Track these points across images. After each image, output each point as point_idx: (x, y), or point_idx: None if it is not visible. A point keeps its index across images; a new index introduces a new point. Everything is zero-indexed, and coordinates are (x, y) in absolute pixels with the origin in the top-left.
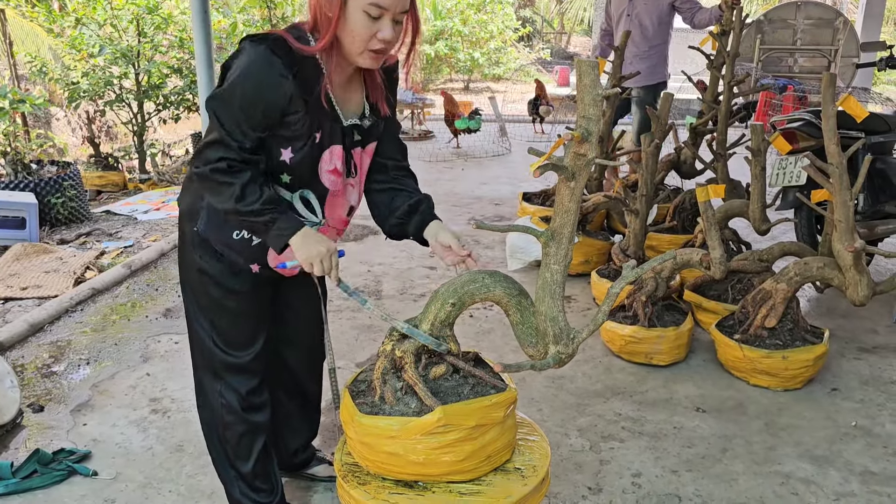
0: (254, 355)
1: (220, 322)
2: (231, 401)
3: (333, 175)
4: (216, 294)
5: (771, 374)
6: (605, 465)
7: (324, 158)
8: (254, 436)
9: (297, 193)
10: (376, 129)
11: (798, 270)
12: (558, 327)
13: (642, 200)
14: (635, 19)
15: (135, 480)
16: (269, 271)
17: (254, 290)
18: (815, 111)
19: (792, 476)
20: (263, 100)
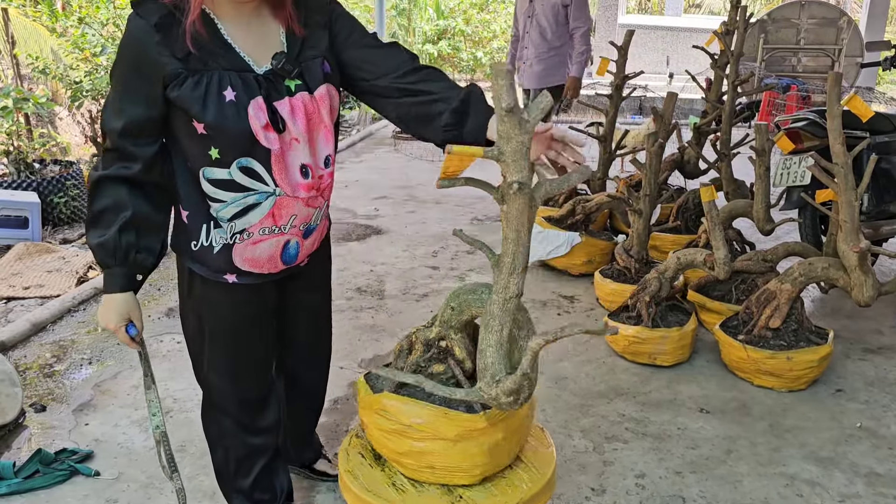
0: (254, 383)
1: (213, 352)
2: (233, 430)
3: (268, 131)
4: (205, 322)
5: (775, 375)
6: (609, 466)
7: (251, 116)
8: (256, 458)
9: (233, 166)
10: (317, 69)
11: (802, 271)
12: (483, 362)
13: (646, 200)
14: (535, 20)
15: (137, 480)
16: (251, 277)
17: (240, 305)
18: (820, 111)
19: (797, 478)
20: (138, 75)
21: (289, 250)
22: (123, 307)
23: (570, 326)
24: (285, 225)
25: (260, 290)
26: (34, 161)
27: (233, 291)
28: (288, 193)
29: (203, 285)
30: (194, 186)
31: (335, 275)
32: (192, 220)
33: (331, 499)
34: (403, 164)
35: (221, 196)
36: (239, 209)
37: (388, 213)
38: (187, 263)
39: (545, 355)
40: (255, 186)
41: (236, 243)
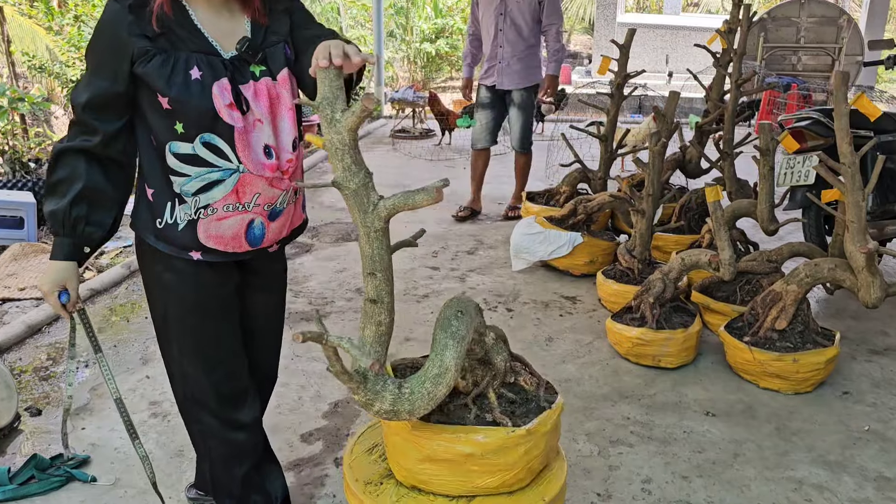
0: (228, 371)
1: (182, 338)
2: (213, 425)
3: (233, 110)
4: (171, 305)
5: (781, 378)
6: (615, 470)
7: (215, 95)
8: (242, 457)
9: (196, 140)
10: (280, 54)
11: (809, 272)
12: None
13: (648, 200)
14: (509, 18)
15: (134, 486)
16: (216, 255)
17: (205, 287)
18: (824, 110)
19: (805, 482)
20: (110, 52)
21: (253, 230)
22: (60, 274)
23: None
24: (249, 203)
25: (224, 271)
26: (30, 160)
27: (198, 271)
28: (252, 171)
29: (168, 266)
30: (161, 164)
31: (335, 275)
32: (157, 198)
33: None
34: (402, 163)
35: (186, 170)
36: (202, 184)
37: None
38: (152, 242)
39: (548, 357)
40: (218, 163)
41: (201, 219)
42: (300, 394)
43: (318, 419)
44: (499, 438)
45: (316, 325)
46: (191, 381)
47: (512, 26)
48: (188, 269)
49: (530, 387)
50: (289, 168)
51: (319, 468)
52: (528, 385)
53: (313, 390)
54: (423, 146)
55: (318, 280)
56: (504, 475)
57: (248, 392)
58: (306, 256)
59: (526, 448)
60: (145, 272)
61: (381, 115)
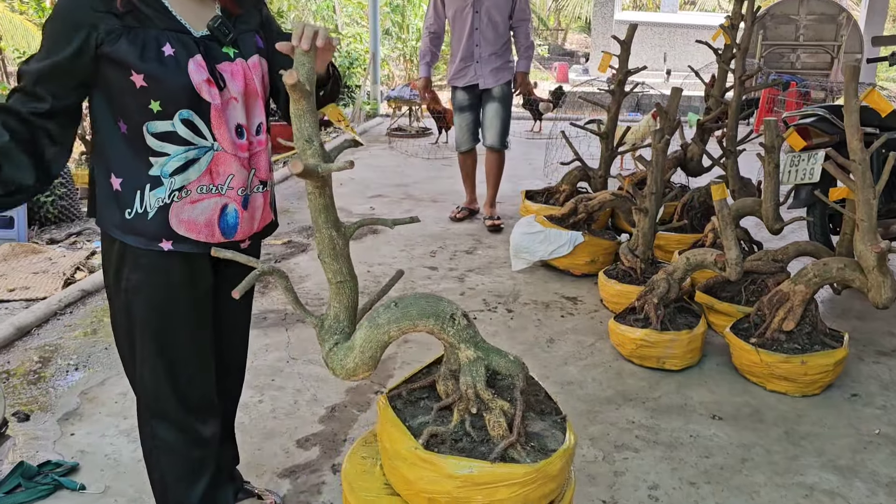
0: (194, 381)
1: (146, 344)
2: (172, 440)
3: (210, 87)
4: (136, 307)
5: (789, 380)
6: (620, 476)
7: (191, 70)
8: (199, 474)
9: (175, 117)
10: (250, 40)
11: (817, 271)
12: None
13: (651, 198)
14: (484, 15)
15: (125, 495)
16: (188, 244)
17: (175, 286)
18: (829, 106)
19: (816, 488)
20: (74, 26)
21: (227, 217)
22: None
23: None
24: (223, 185)
25: (197, 269)
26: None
27: (169, 267)
28: (226, 149)
29: (134, 262)
30: (132, 152)
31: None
32: (125, 187)
33: None
34: (399, 163)
35: (167, 149)
36: (180, 164)
37: (384, 212)
38: (117, 236)
39: (549, 359)
40: (194, 140)
41: (174, 202)
42: (296, 398)
43: (315, 424)
44: (406, 448)
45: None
46: (150, 390)
47: (489, 23)
48: (159, 264)
49: (493, 431)
50: (254, 150)
51: (316, 475)
52: (491, 427)
53: (309, 394)
54: (419, 144)
55: (314, 281)
56: (406, 489)
57: (214, 404)
58: (302, 256)
59: (424, 473)
60: (109, 273)
61: (378, 113)
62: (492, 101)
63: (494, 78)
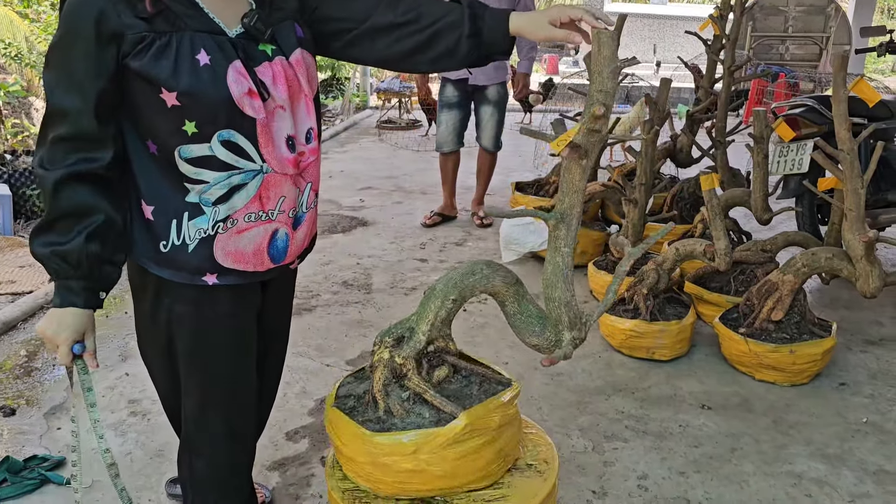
0: (241, 413)
1: (193, 378)
2: (210, 472)
3: (252, 98)
4: (180, 340)
5: (777, 369)
6: (609, 466)
7: (231, 81)
8: (231, 500)
9: (214, 139)
10: (289, 32)
11: (806, 261)
12: (573, 312)
13: (641, 189)
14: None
15: (111, 490)
16: (235, 276)
17: (223, 318)
18: (818, 97)
19: (804, 476)
20: (97, 41)
21: (276, 243)
22: (80, 322)
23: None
24: (273, 210)
25: (244, 295)
26: (6, 152)
27: (213, 298)
28: (276, 170)
29: (175, 297)
30: (163, 174)
31: (321, 268)
32: (159, 216)
33: None
34: (389, 155)
35: (204, 176)
36: (224, 191)
37: (373, 204)
38: (154, 271)
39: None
40: (239, 164)
41: (219, 234)
42: (285, 390)
43: (304, 416)
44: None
45: None
46: (194, 422)
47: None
48: (203, 298)
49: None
50: (305, 162)
51: (305, 467)
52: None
53: (298, 387)
54: (409, 137)
55: (302, 273)
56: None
57: (254, 433)
58: None
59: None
60: (144, 300)
61: (367, 105)
62: (487, 103)
63: (488, 76)
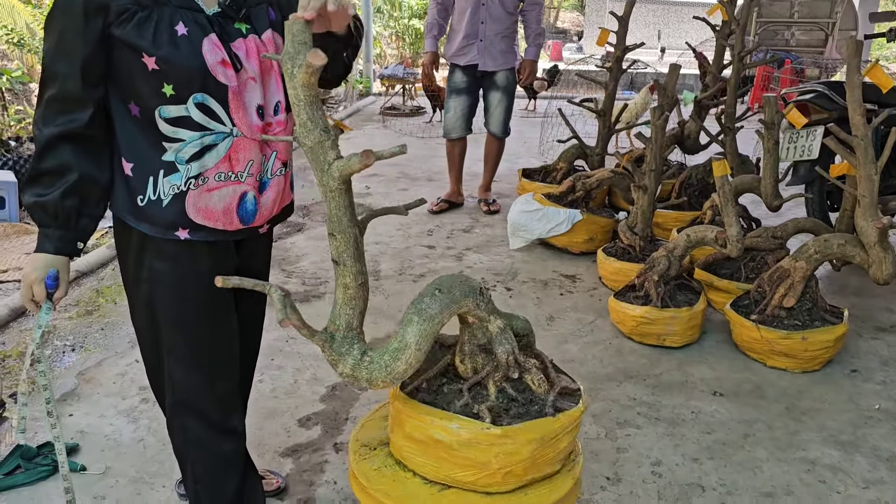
0: (225, 370)
1: (173, 336)
2: (203, 435)
3: (226, 68)
4: (161, 298)
5: (789, 356)
6: (623, 452)
7: (206, 51)
8: (230, 470)
9: (189, 101)
10: (262, 14)
11: (818, 248)
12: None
13: (651, 175)
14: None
15: (126, 475)
16: (205, 233)
17: (202, 275)
18: (828, 83)
19: (818, 463)
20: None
21: (245, 205)
22: (52, 265)
23: None
24: (242, 172)
25: (219, 253)
26: (10, 139)
27: (190, 254)
28: (245, 134)
29: (158, 250)
30: (143, 135)
31: (327, 255)
32: (136, 173)
33: (332, 491)
34: (393, 141)
35: (181, 134)
36: (196, 150)
37: (379, 191)
38: (132, 224)
39: (550, 337)
40: (211, 126)
41: (190, 190)
42: (296, 377)
43: (316, 403)
44: (472, 432)
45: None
46: (180, 384)
47: (498, 1)
48: (184, 252)
49: (538, 388)
50: (275, 131)
51: (319, 454)
52: (535, 385)
53: (309, 373)
54: (413, 123)
55: (310, 260)
56: (476, 473)
57: (238, 394)
58: (298, 236)
59: (501, 450)
60: (128, 261)
61: (371, 92)
62: (495, 89)
63: (497, 62)
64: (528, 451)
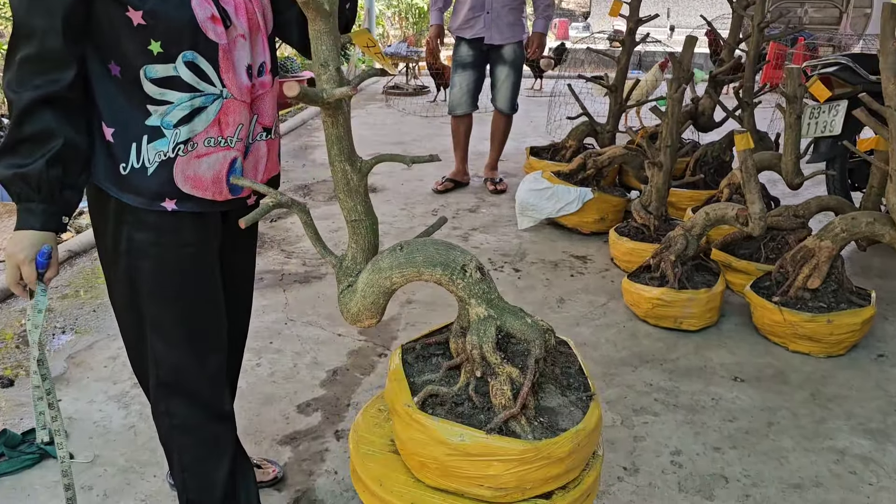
0: (213, 349)
1: (159, 313)
2: (191, 419)
3: (216, 24)
4: (143, 272)
5: (813, 340)
6: (640, 441)
7: (195, 5)
8: (221, 455)
9: (178, 60)
10: None
11: (845, 226)
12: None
13: (666, 151)
14: None
15: (115, 464)
16: (194, 203)
17: (184, 246)
18: (852, 55)
19: (847, 453)
20: None
21: (235, 172)
22: (40, 242)
23: None
24: (231, 137)
25: (205, 225)
26: (1, 116)
27: (174, 225)
28: (235, 96)
29: (138, 220)
30: (124, 97)
31: (330, 234)
32: (119, 138)
33: (332, 482)
34: (396, 120)
35: (169, 96)
36: (185, 112)
37: (382, 170)
38: (114, 194)
39: (560, 320)
40: (200, 87)
41: (179, 156)
42: (295, 361)
43: (316, 388)
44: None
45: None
46: (165, 364)
47: None
48: (168, 222)
49: (496, 398)
50: (259, 93)
51: (318, 442)
52: (493, 394)
53: (309, 357)
54: (417, 103)
55: None
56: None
57: (225, 373)
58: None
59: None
60: (105, 234)
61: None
62: (503, 63)
63: (503, 35)
64: (440, 451)
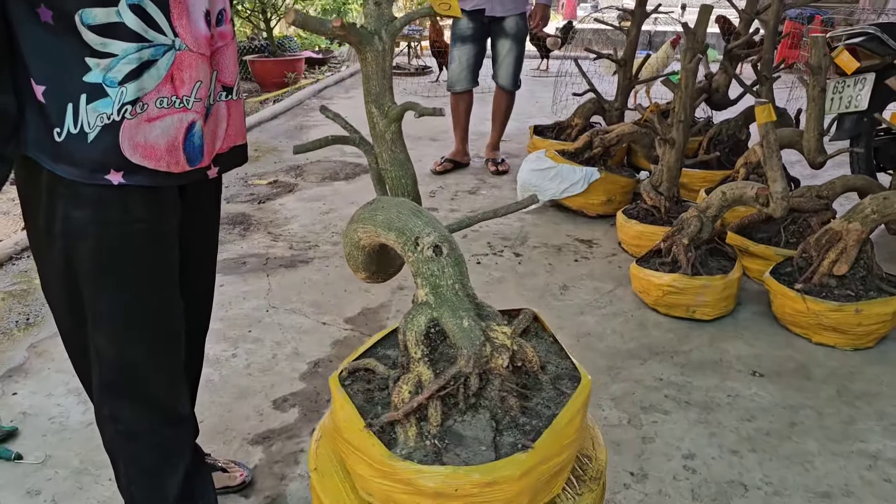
0: (167, 344)
1: (105, 303)
2: (142, 423)
3: None
4: (84, 256)
5: (839, 331)
6: (649, 443)
7: None
8: (176, 461)
9: (121, 2)
10: None
11: (876, 206)
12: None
13: (679, 127)
14: None
15: (68, 465)
16: (145, 176)
17: (137, 223)
18: (880, 24)
19: (880, 457)
20: None
21: (192, 138)
22: None
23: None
24: (188, 97)
25: (158, 199)
26: None
27: (120, 200)
28: (191, 47)
29: (70, 200)
30: (58, 47)
31: (320, 217)
32: (51, 97)
33: (305, 487)
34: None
35: (112, 48)
36: (132, 67)
37: None
38: (47, 166)
39: (563, 308)
40: (149, 35)
41: (125, 120)
42: (275, 351)
43: (295, 381)
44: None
45: None
46: (110, 362)
47: None
48: (111, 195)
49: (395, 398)
50: (218, 45)
51: (293, 441)
52: (395, 394)
53: (290, 347)
54: (419, 83)
55: (300, 223)
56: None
57: (184, 373)
58: (289, 197)
59: None
60: (36, 214)
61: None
62: (504, 36)
63: (506, 6)
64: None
